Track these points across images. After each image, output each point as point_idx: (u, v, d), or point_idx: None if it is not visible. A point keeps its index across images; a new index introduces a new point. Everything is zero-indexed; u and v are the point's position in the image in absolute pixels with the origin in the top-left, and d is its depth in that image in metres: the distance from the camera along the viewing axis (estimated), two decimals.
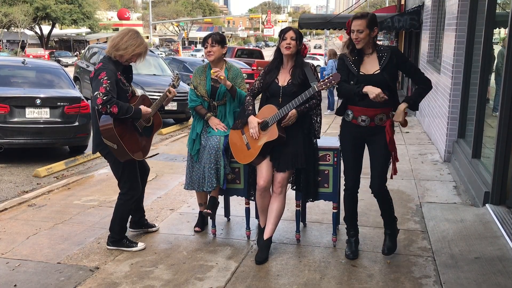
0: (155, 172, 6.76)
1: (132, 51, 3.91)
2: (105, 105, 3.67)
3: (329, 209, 4.62)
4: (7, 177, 6.89)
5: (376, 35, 3.77)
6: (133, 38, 3.92)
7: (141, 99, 4.05)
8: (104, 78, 3.74)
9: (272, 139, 3.84)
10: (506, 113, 4.73)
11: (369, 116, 3.76)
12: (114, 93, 3.75)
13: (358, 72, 3.75)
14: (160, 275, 3.73)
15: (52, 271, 3.80)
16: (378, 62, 3.76)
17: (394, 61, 3.75)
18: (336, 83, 3.71)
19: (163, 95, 4.17)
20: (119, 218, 4.14)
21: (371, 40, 3.75)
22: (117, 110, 3.71)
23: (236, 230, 4.68)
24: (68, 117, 7.58)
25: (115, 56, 3.91)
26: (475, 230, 4.49)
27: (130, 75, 4.14)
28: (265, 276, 3.73)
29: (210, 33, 4.41)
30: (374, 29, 3.72)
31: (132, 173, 4.08)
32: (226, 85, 4.20)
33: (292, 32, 3.89)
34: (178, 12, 77.13)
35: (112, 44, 3.92)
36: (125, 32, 3.97)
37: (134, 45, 3.91)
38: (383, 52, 3.77)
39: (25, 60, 8.58)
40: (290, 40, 3.86)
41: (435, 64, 9.32)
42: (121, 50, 3.89)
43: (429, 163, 7.25)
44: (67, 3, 43.08)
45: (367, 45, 3.76)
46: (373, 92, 3.57)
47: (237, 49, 24.56)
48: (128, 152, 3.85)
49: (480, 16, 6.23)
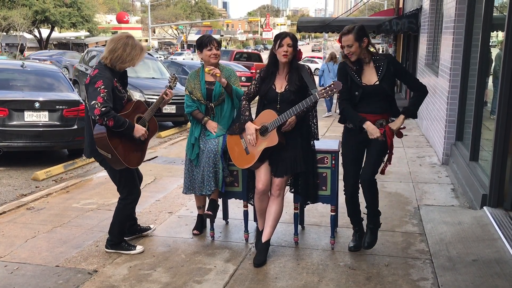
0: (153, 175, 6.77)
1: (137, 59, 3.94)
2: (102, 116, 3.66)
3: (327, 211, 4.63)
4: (6, 180, 6.89)
5: (367, 45, 3.83)
6: (134, 47, 3.90)
7: (136, 106, 4.02)
8: (101, 87, 3.71)
9: (272, 145, 3.84)
10: (503, 116, 4.75)
11: (370, 121, 3.84)
12: (111, 102, 3.75)
13: (361, 83, 3.84)
14: (158, 278, 3.73)
15: (51, 274, 3.80)
16: (376, 72, 3.84)
17: (392, 70, 3.82)
18: (337, 91, 3.75)
19: (160, 98, 4.16)
20: (119, 222, 4.15)
21: (364, 51, 3.84)
22: (112, 123, 3.71)
23: (235, 233, 4.69)
24: (67, 121, 7.58)
25: (117, 67, 3.89)
26: (473, 232, 4.50)
27: (125, 81, 4.14)
28: (263, 279, 3.73)
29: (209, 36, 4.40)
30: (363, 40, 3.79)
31: (129, 178, 4.09)
32: (222, 82, 4.20)
33: (289, 39, 3.84)
34: (177, 15, 77.25)
35: (115, 57, 3.85)
36: (125, 42, 3.87)
37: (138, 54, 3.93)
38: (380, 62, 3.84)
39: (24, 64, 8.59)
40: (287, 47, 3.82)
41: (433, 67, 9.34)
42: (127, 62, 3.89)
43: (427, 165, 7.26)
44: (66, 6, 43.09)
45: (363, 55, 3.85)
46: (372, 133, 3.76)
47: (235, 52, 24.59)
48: (122, 161, 3.85)
49: (478, 19, 6.26)
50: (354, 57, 3.82)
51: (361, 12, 60.04)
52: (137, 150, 4.01)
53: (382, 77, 3.80)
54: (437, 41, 9.49)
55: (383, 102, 3.86)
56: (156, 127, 4.22)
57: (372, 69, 3.85)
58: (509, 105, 4.71)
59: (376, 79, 3.82)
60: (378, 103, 3.85)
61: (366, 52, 3.85)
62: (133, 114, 3.98)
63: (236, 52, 25.11)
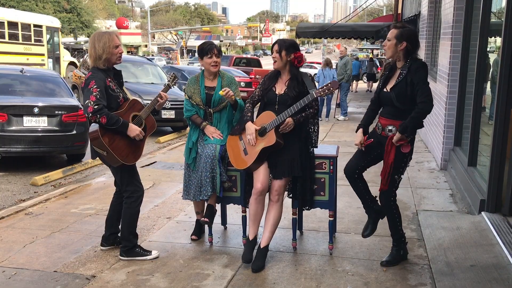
0: (152, 180, 6.77)
1: (110, 46, 3.88)
2: (95, 114, 3.72)
3: (325, 217, 4.64)
4: (4, 186, 6.89)
5: (404, 49, 3.75)
6: (101, 37, 3.88)
7: (131, 104, 4.04)
8: (93, 86, 3.78)
9: (269, 145, 3.87)
10: (501, 121, 4.76)
11: (382, 125, 3.89)
12: (104, 100, 3.80)
13: (381, 89, 3.89)
14: (156, 284, 3.73)
15: (49, 279, 3.80)
16: (396, 79, 3.83)
17: (408, 80, 3.74)
18: (334, 90, 3.80)
19: (154, 100, 4.14)
20: (127, 223, 4.11)
21: (401, 54, 3.78)
22: (105, 120, 3.75)
23: (233, 238, 4.69)
24: (66, 126, 7.59)
25: (103, 64, 3.91)
26: (471, 238, 4.51)
27: (121, 80, 4.15)
28: (261, 284, 3.73)
29: (210, 42, 4.41)
30: (402, 43, 3.74)
31: (131, 174, 4.10)
32: (232, 100, 4.24)
33: (276, 45, 3.98)
34: (176, 21, 77.47)
35: (93, 58, 3.89)
36: (93, 41, 3.91)
37: (107, 41, 3.88)
38: (405, 69, 3.78)
39: (23, 69, 8.61)
40: (275, 53, 3.97)
41: (431, 72, 9.36)
42: (104, 55, 3.87)
43: (425, 171, 7.27)
44: (66, 12, 43.24)
45: (397, 58, 3.81)
46: (355, 140, 3.98)
47: (235, 57, 24.63)
48: (118, 158, 3.88)
49: (475, 25, 6.29)
50: (387, 53, 3.82)
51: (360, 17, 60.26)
52: (133, 146, 4.00)
53: (395, 84, 3.79)
54: (435, 46, 9.53)
55: (394, 110, 3.82)
56: (154, 125, 4.20)
57: (397, 75, 3.84)
58: (506, 111, 4.72)
59: (392, 86, 3.83)
60: (391, 109, 3.85)
61: (402, 57, 3.80)
62: (128, 112, 3.99)
63: (236, 57, 25.17)
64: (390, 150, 3.78)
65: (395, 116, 3.81)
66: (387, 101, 3.86)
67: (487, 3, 5.70)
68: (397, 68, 3.86)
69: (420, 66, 3.75)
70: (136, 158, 4.06)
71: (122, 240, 4.15)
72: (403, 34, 3.74)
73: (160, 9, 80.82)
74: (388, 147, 3.79)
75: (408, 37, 3.74)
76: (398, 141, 3.75)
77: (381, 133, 3.91)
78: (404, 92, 3.74)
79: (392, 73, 3.89)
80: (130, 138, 3.95)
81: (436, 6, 9.67)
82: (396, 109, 3.81)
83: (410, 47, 3.75)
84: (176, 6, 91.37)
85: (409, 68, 3.74)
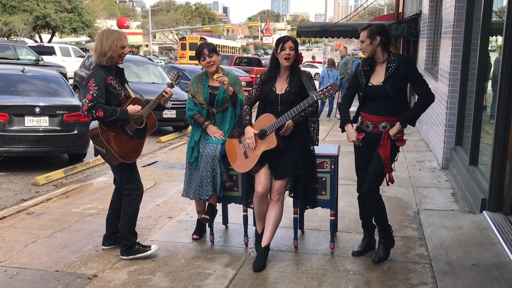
0: (153, 180, 6.78)
1: (117, 45, 3.90)
2: (90, 111, 3.74)
3: (326, 216, 4.63)
4: (6, 185, 6.90)
5: (379, 43, 3.82)
6: (110, 35, 3.91)
7: (132, 102, 4.04)
8: (92, 85, 3.79)
9: (270, 148, 3.86)
10: (502, 120, 4.75)
11: (373, 122, 3.87)
12: (102, 98, 3.80)
13: (366, 84, 3.86)
14: (158, 283, 3.73)
15: (50, 279, 3.81)
16: (385, 72, 3.83)
17: (401, 72, 3.78)
18: (334, 93, 3.79)
19: (159, 96, 4.16)
20: (126, 221, 4.11)
21: (379, 49, 3.84)
22: (102, 114, 3.76)
23: (234, 237, 4.69)
24: (67, 125, 7.59)
25: (106, 62, 3.92)
26: (472, 237, 4.50)
27: (123, 78, 4.15)
28: (262, 283, 3.73)
29: (200, 46, 4.39)
30: (375, 38, 3.80)
31: (131, 173, 4.11)
32: (229, 90, 4.21)
33: (291, 42, 3.90)
34: (177, 20, 77.39)
35: (98, 54, 3.92)
36: (100, 37, 3.94)
37: (116, 40, 3.90)
38: (392, 62, 3.82)
39: (25, 69, 8.62)
40: (289, 50, 3.89)
41: (432, 71, 9.37)
42: (109, 52, 3.89)
43: (427, 170, 7.27)
44: (67, 11, 43.21)
45: (376, 53, 3.85)
46: (349, 137, 3.96)
47: (236, 57, 24.66)
48: (116, 156, 3.89)
49: (476, 24, 6.28)
50: (365, 53, 3.88)
51: (361, 17, 60.16)
52: (133, 144, 4.01)
53: (387, 78, 3.79)
54: (436, 45, 9.52)
55: (388, 104, 3.82)
56: (155, 123, 4.23)
57: (383, 69, 3.85)
58: (508, 110, 4.72)
59: (382, 79, 3.82)
60: (383, 105, 3.83)
61: (381, 51, 3.84)
62: None
63: (237, 57, 25.22)
64: (386, 144, 3.79)
65: (389, 112, 3.83)
66: (377, 95, 3.83)
67: (488, 2, 5.69)
68: (377, 63, 3.88)
69: (409, 58, 3.91)
70: (136, 156, 4.07)
71: (121, 239, 4.15)
72: (373, 31, 3.82)
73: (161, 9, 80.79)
74: (384, 141, 3.79)
75: (378, 31, 3.82)
76: (396, 134, 3.77)
77: (373, 131, 3.89)
78: (399, 83, 3.80)
79: (373, 68, 3.90)
80: (130, 136, 3.96)
81: (437, 5, 9.66)
82: (389, 104, 3.81)
83: (384, 40, 3.83)
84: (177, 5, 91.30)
85: (399, 60, 3.81)
